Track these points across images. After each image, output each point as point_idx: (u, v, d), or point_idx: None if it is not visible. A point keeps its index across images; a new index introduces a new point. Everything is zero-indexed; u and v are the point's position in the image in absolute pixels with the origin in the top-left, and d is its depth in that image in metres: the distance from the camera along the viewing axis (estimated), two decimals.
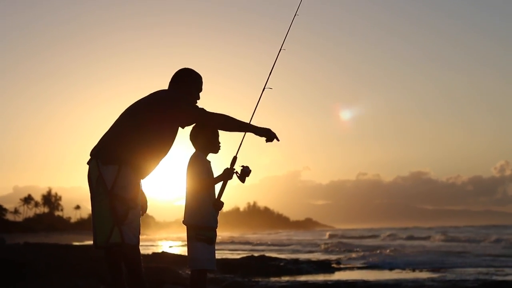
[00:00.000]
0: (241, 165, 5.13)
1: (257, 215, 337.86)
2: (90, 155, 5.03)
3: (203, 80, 5.40)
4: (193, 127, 5.23)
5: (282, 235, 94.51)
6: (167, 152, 5.15)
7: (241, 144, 5.23)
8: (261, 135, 5.13)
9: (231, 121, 5.11)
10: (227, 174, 5.10)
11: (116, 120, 5.17)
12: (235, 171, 5.12)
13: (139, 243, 5.00)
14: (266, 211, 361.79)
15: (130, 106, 5.20)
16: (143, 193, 5.19)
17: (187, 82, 5.28)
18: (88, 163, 5.04)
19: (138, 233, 4.97)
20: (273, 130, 5.10)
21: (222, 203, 5.17)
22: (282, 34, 5.65)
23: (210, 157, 5.27)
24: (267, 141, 5.17)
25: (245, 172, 5.12)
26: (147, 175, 5.14)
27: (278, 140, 5.14)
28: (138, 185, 5.01)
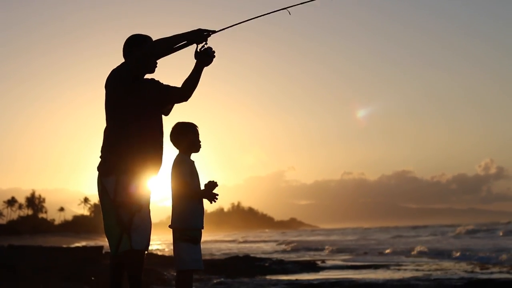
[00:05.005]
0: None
1: (241, 215, 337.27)
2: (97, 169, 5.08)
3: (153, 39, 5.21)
4: (173, 131, 5.19)
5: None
6: (157, 132, 5.08)
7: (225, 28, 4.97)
8: (191, 40, 4.93)
9: (168, 40, 4.94)
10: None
11: None
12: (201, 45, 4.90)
13: (147, 248, 4.94)
14: (251, 211, 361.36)
15: None
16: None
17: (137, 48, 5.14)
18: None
19: (147, 237, 4.93)
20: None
21: (215, 184, 5.08)
22: None
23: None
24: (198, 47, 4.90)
25: (206, 52, 4.87)
26: (155, 168, 5.06)
27: (212, 32, 4.92)
28: (140, 188, 4.95)
